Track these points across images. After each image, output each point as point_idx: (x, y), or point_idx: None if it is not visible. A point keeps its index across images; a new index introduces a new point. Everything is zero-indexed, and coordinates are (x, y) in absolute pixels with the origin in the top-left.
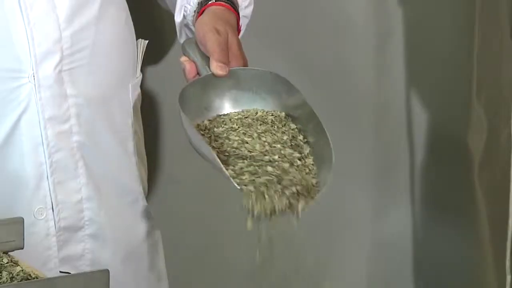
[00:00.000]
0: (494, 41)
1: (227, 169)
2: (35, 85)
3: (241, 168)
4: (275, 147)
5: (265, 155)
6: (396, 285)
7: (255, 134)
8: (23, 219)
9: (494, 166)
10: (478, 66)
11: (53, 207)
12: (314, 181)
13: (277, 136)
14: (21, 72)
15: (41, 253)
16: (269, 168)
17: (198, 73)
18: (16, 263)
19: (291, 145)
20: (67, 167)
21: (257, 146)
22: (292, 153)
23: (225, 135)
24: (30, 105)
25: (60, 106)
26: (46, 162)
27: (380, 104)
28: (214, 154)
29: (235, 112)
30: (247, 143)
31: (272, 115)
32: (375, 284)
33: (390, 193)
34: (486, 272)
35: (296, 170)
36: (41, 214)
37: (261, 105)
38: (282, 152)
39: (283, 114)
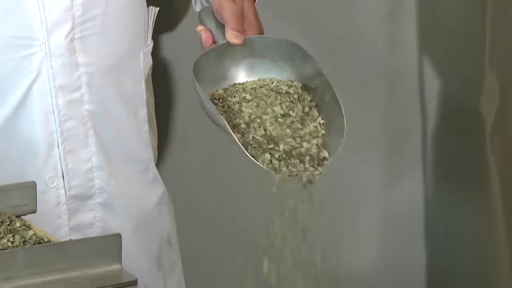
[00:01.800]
0: (507, 8)
1: (239, 140)
2: (46, 53)
3: (254, 139)
4: (290, 120)
5: (278, 126)
6: (408, 254)
7: (269, 109)
8: (35, 183)
9: (506, 133)
10: (490, 33)
11: (64, 176)
12: (323, 154)
13: (290, 108)
14: (32, 40)
15: (52, 221)
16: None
17: (214, 42)
18: (29, 227)
19: (304, 116)
20: (78, 135)
21: (269, 118)
22: (303, 128)
23: (237, 105)
24: (41, 74)
25: (71, 75)
26: (57, 130)
27: (392, 72)
28: (227, 125)
29: (250, 81)
30: (260, 114)
31: (287, 85)
32: (387, 253)
33: (402, 161)
34: (498, 241)
35: (306, 144)
36: (52, 182)
37: (277, 72)
38: (294, 126)
39: (299, 84)
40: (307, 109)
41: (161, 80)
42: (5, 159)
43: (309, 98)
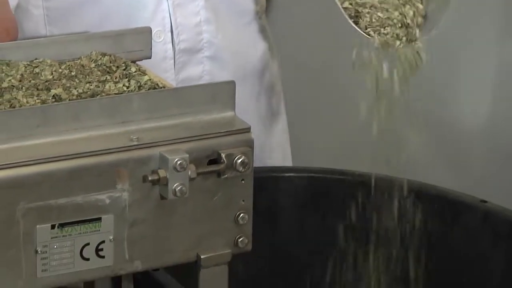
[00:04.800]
0: None
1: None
2: None
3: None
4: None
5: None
6: None
7: None
8: (150, 28)
9: None
10: None
11: (173, 30)
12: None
13: None
14: None
15: (159, 75)
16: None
17: None
18: (144, 73)
19: None
20: None
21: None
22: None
23: None
24: None
25: None
26: None
27: None
28: None
29: None
30: None
31: None
32: (501, 108)
33: None
34: None
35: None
36: (159, 36)
37: None
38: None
39: None
40: None
41: None
42: (113, 12)
43: None
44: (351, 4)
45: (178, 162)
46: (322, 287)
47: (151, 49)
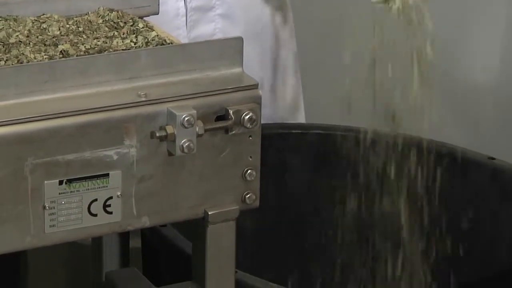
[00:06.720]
0: None
1: None
2: None
3: None
4: None
5: None
6: None
7: None
8: None
9: None
10: None
11: None
12: None
13: None
14: None
15: (170, 33)
16: None
17: None
18: (151, 28)
19: None
20: None
21: None
22: None
23: None
24: None
25: None
26: None
27: None
28: None
29: None
30: None
31: None
32: (510, 66)
33: None
34: None
35: None
36: None
37: None
38: None
39: None
40: None
41: None
42: None
43: None
44: None
45: (186, 118)
46: (331, 243)
47: (158, 5)
